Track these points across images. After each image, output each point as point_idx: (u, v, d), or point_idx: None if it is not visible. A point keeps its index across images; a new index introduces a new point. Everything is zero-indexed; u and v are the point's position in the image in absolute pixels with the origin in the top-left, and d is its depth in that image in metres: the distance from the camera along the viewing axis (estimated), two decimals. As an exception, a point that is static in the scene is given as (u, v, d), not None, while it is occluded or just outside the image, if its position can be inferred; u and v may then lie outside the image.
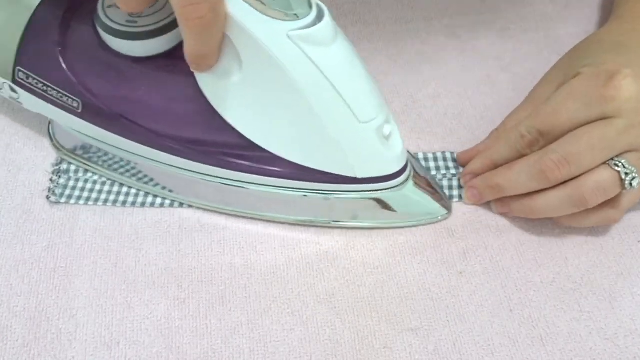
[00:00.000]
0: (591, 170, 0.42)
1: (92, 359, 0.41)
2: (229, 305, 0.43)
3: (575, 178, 0.42)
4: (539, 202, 0.44)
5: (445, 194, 0.48)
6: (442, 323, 0.42)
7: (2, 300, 0.43)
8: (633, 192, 0.43)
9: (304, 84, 0.39)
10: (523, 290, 0.43)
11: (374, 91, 0.41)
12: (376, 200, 0.44)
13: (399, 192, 0.44)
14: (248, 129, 0.42)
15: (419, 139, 0.51)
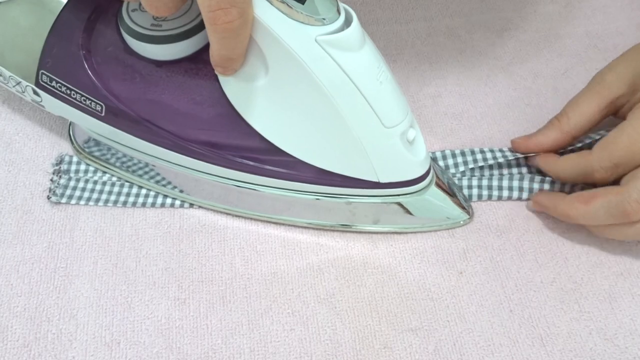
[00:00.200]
0: None
1: (93, 359, 0.41)
2: (229, 305, 0.43)
3: None
4: (612, 231, 0.43)
5: (465, 195, 0.47)
6: (442, 323, 0.42)
7: (2, 300, 0.43)
8: None
9: (330, 88, 0.39)
10: (523, 290, 0.43)
11: (398, 96, 0.41)
12: (398, 204, 0.44)
13: (421, 197, 0.44)
14: (272, 133, 0.42)
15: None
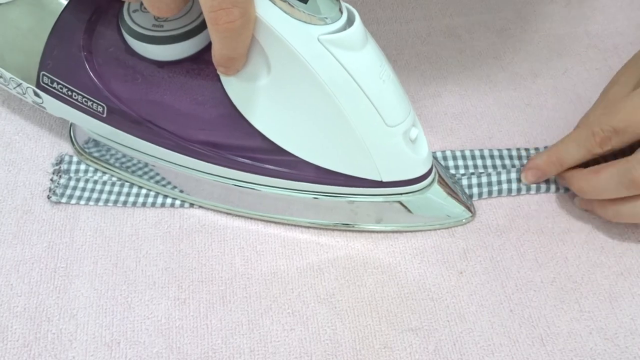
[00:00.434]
0: None
1: (93, 359, 0.41)
2: (229, 305, 0.43)
3: None
4: (626, 208, 0.43)
5: (467, 193, 0.47)
6: (443, 323, 0.42)
7: (2, 300, 0.43)
8: None
9: (333, 87, 0.39)
10: (523, 290, 0.43)
11: (401, 95, 0.41)
12: (401, 203, 0.44)
13: (423, 196, 0.44)
14: (274, 133, 0.42)
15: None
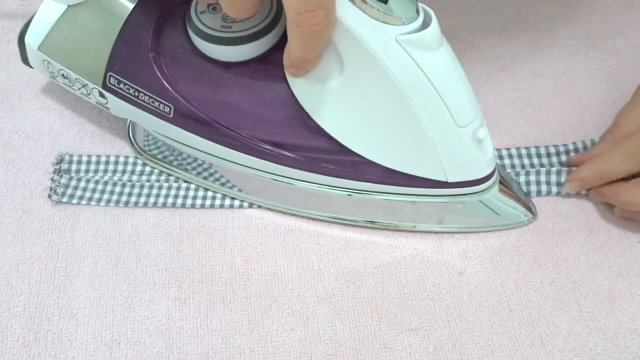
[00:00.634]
0: None
1: (93, 359, 0.41)
2: (229, 305, 0.43)
3: None
4: None
5: (525, 192, 0.47)
6: (442, 323, 0.42)
7: (2, 300, 0.43)
8: None
9: (408, 88, 0.39)
10: (523, 290, 0.43)
11: (471, 95, 0.42)
12: (464, 204, 0.44)
13: (485, 196, 0.44)
14: (341, 133, 0.42)
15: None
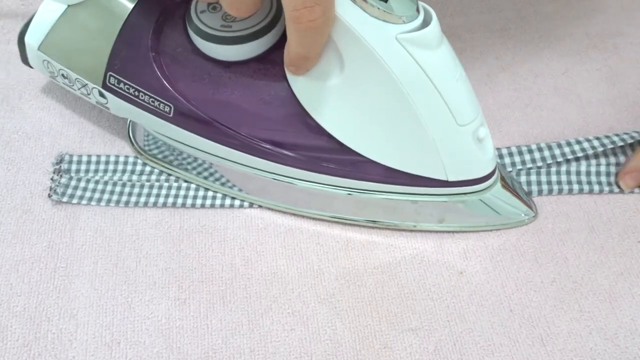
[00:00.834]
0: None
1: (93, 359, 0.41)
2: (229, 305, 0.43)
3: None
4: None
5: (525, 191, 0.47)
6: (443, 323, 0.42)
7: (2, 300, 0.43)
8: None
9: (408, 86, 0.39)
10: (523, 290, 0.43)
11: (471, 94, 0.42)
12: (465, 203, 0.44)
13: (486, 195, 0.44)
14: (342, 132, 0.42)
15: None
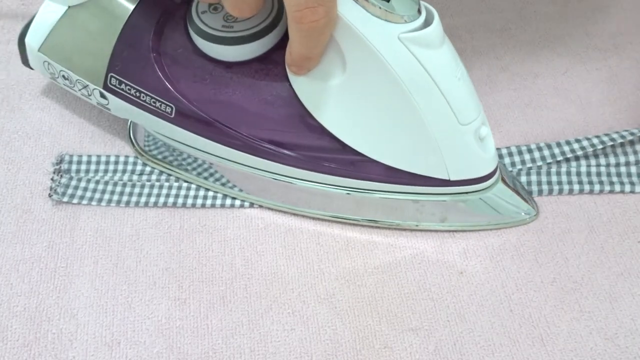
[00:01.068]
0: None
1: (93, 359, 0.41)
2: (229, 305, 0.43)
3: None
4: None
5: (526, 190, 0.47)
6: (443, 323, 0.42)
7: (2, 300, 0.43)
8: None
9: (411, 85, 0.39)
10: (523, 290, 0.43)
11: (473, 93, 0.42)
12: (466, 202, 0.44)
13: (488, 194, 0.44)
14: (343, 132, 0.42)
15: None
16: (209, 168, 0.47)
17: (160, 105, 0.44)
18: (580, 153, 0.48)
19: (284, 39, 0.42)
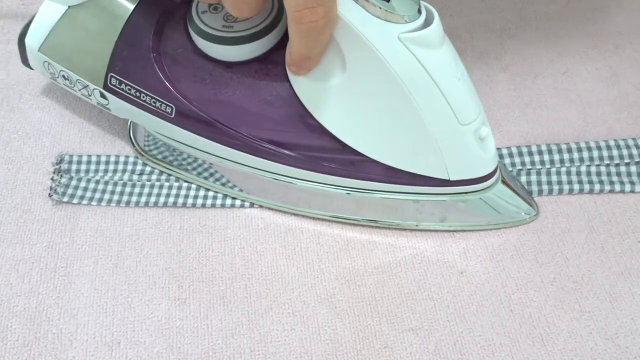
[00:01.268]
0: None
1: (93, 359, 0.41)
2: (229, 305, 0.43)
3: None
4: None
5: (526, 190, 0.47)
6: (443, 323, 0.42)
7: (2, 300, 0.43)
8: None
9: (410, 86, 0.39)
10: (523, 289, 0.43)
11: (473, 93, 0.42)
12: (466, 202, 0.44)
13: (488, 194, 0.44)
14: (343, 132, 0.42)
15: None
16: (209, 168, 0.47)
17: (160, 106, 0.44)
18: (578, 164, 0.48)
19: (284, 39, 0.42)
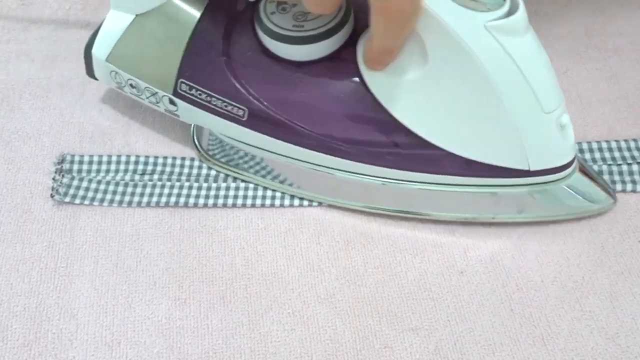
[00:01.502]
0: None
1: (93, 359, 0.41)
2: (229, 305, 0.43)
3: None
4: None
5: (604, 179, 0.47)
6: (443, 323, 0.42)
7: (2, 300, 0.43)
8: None
9: (496, 75, 0.38)
10: (524, 289, 0.43)
11: (555, 81, 0.41)
12: (545, 192, 0.43)
13: (566, 183, 0.43)
14: (420, 126, 0.41)
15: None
16: (275, 169, 0.47)
17: (232, 109, 0.44)
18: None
19: (352, 36, 0.42)
